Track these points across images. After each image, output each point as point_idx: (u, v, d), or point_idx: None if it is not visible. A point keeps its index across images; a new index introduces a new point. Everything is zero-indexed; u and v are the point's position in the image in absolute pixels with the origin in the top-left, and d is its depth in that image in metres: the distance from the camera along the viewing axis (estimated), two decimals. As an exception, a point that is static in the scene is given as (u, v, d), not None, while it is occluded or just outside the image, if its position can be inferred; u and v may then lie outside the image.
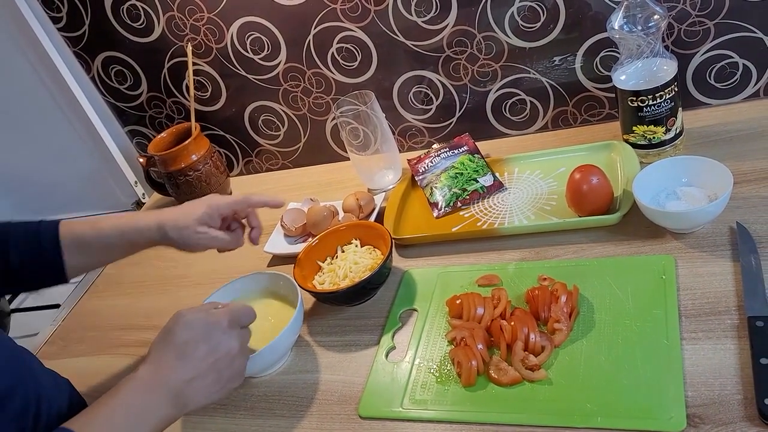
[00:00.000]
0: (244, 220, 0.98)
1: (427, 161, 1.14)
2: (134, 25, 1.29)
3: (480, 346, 0.79)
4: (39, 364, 0.81)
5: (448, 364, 0.81)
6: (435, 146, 1.17)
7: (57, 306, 1.23)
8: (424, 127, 1.26)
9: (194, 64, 1.29)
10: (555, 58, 1.11)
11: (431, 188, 1.10)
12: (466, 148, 1.13)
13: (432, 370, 0.81)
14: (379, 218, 1.09)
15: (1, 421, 0.67)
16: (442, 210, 1.07)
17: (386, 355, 0.86)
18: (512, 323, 0.79)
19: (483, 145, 1.18)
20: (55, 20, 1.32)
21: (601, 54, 1.09)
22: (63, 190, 1.50)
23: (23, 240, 0.88)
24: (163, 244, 0.92)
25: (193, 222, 0.90)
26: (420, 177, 1.13)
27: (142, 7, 1.26)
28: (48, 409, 0.73)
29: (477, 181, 1.07)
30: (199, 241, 0.91)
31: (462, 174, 1.09)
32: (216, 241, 0.92)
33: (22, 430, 0.69)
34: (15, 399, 0.70)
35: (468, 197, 1.06)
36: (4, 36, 1.31)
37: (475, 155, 1.12)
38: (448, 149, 1.14)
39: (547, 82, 1.14)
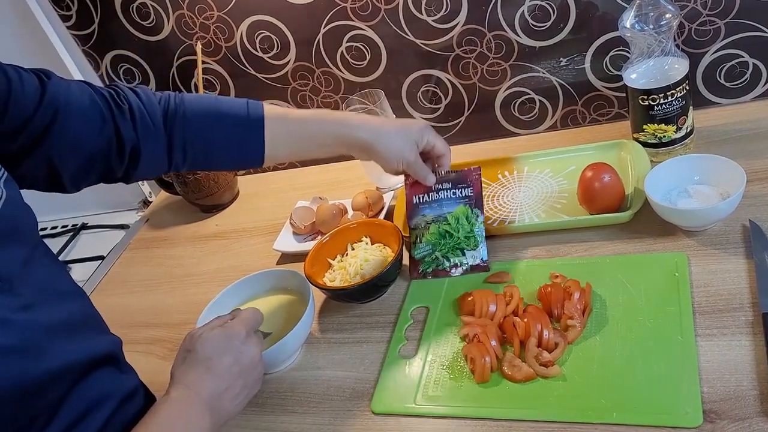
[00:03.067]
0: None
1: (423, 192, 0.99)
2: (143, 23, 1.29)
3: (493, 343, 0.79)
4: None
5: (461, 361, 0.81)
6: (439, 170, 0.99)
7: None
8: (432, 125, 1.26)
9: (203, 62, 1.29)
10: (564, 58, 1.12)
11: (416, 237, 0.98)
12: (470, 191, 0.97)
13: (444, 367, 0.81)
14: (388, 217, 1.09)
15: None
16: (419, 272, 0.96)
17: (398, 352, 0.85)
18: (525, 320, 0.79)
19: (491, 145, 1.18)
20: (65, 18, 1.33)
21: (611, 53, 1.09)
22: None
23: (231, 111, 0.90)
24: (356, 149, 0.91)
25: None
26: (412, 208, 0.99)
27: (151, 5, 1.26)
28: None
29: (463, 254, 0.95)
30: (403, 154, 0.91)
31: (452, 236, 0.96)
32: (418, 164, 0.93)
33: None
34: None
35: (448, 269, 0.95)
36: (13, 34, 1.31)
37: (475, 209, 0.96)
38: (450, 184, 0.98)
39: (557, 81, 1.15)
